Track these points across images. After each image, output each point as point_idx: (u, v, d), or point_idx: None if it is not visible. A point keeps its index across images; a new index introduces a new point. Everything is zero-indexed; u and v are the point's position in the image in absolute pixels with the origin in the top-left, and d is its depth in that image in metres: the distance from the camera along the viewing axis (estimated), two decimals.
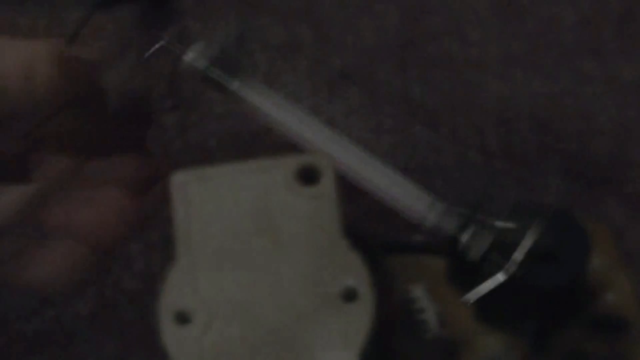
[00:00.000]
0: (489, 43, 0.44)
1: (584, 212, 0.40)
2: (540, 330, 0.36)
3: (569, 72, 0.44)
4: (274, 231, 0.37)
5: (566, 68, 0.44)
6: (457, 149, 0.42)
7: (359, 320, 0.35)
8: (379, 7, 0.45)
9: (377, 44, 0.45)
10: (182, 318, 0.35)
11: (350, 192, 0.41)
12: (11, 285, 0.22)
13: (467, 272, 0.37)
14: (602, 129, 0.42)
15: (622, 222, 0.40)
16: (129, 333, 0.39)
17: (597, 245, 0.38)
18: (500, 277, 0.31)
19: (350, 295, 0.35)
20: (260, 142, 0.43)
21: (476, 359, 0.37)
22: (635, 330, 0.37)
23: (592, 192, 0.41)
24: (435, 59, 0.44)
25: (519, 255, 0.31)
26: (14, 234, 0.21)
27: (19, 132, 0.22)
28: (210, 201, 0.38)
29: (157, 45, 0.29)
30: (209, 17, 0.46)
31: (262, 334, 0.35)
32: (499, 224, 0.35)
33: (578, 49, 0.44)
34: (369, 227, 0.41)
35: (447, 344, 0.36)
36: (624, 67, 0.44)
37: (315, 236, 0.37)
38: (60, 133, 0.24)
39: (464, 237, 0.31)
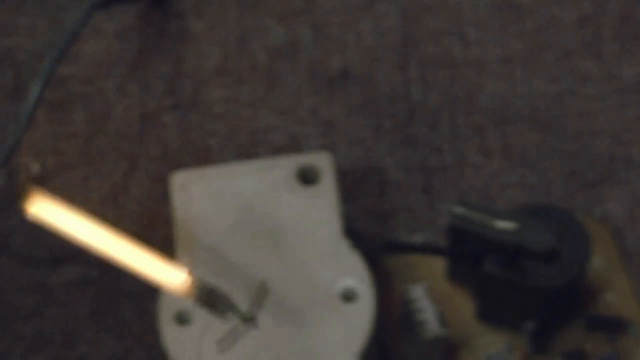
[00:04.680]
0: (489, 43, 0.44)
1: (584, 212, 0.40)
2: (540, 330, 0.36)
3: (569, 72, 0.44)
4: (273, 231, 0.37)
5: (566, 68, 0.44)
6: (457, 149, 0.42)
7: (359, 320, 0.35)
8: (379, 7, 0.45)
9: (377, 44, 0.45)
10: (182, 318, 0.35)
11: (350, 192, 0.41)
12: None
13: (467, 271, 0.37)
14: (602, 129, 0.42)
15: (622, 222, 0.40)
16: (129, 333, 0.39)
17: (597, 245, 0.38)
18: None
19: (350, 295, 0.35)
20: (260, 142, 0.43)
21: (476, 359, 0.37)
22: (635, 330, 0.37)
23: (592, 192, 0.41)
24: (435, 59, 0.44)
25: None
26: None
27: None
28: (211, 201, 0.38)
29: None
30: (209, 17, 0.46)
31: (262, 334, 0.35)
32: (499, 224, 0.35)
33: (578, 49, 0.44)
34: (369, 227, 0.41)
35: (447, 344, 0.36)
36: (624, 67, 0.44)
37: (315, 236, 0.37)
38: None
39: None
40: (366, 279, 0.35)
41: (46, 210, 0.33)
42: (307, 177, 0.38)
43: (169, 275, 0.32)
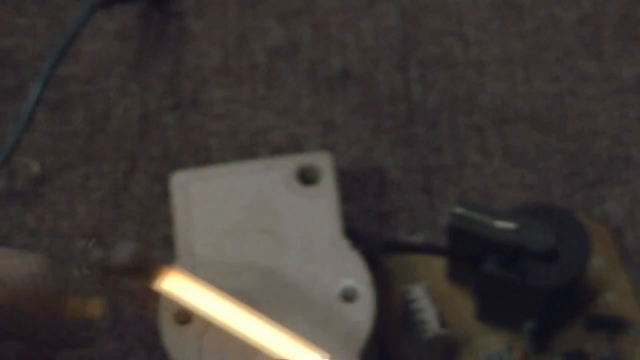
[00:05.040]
0: (489, 43, 0.44)
1: (584, 212, 0.40)
2: (540, 330, 0.36)
3: (569, 72, 0.44)
4: (273, 231, 0.37)
5: (566, 68, 0.44)
6: (457, 149, 0.42)
7: (359, 320, 0.35)
8: (379, 7, 0.45)
9: (377, 44, 0.45)
10: (182, 318, 0.35)
11: (350, 192, 0.41)
12: None
13: (467, 271, 0.37)
14: (602, 129, 0.42)
15: (622, 222, 0.40)
16: (129, 333, 0.39)
17: (597, 245, 0.38)
18: None
19: (350, 295, 0.35)
20: (260, 142, 0.43)
21: (476, 359, 0.37)
22: (635, 330, 0.37)
23: (592, 192, 0.41)
24: (435, 59, 0.44)
25: None
26: None
27: None
28: (211, 201, 0.38)
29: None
30: (209, 17, 0.46)
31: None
32: (499, 224, 0.35)
33: (578, 49, 0.44)
34: (369, 227, 0.41)
35: (447, 344, 0.36)
36: (624, 67, 0.44)
37: (315, 236, 0.37)
38: None
39: None
40: (366, 279, 0.35)
41: (178, 286, 0.33)
42: (307, 177, 0.38)
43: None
